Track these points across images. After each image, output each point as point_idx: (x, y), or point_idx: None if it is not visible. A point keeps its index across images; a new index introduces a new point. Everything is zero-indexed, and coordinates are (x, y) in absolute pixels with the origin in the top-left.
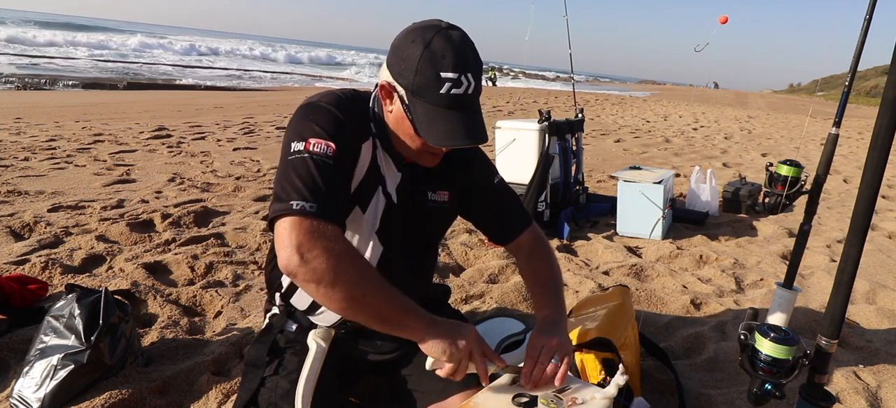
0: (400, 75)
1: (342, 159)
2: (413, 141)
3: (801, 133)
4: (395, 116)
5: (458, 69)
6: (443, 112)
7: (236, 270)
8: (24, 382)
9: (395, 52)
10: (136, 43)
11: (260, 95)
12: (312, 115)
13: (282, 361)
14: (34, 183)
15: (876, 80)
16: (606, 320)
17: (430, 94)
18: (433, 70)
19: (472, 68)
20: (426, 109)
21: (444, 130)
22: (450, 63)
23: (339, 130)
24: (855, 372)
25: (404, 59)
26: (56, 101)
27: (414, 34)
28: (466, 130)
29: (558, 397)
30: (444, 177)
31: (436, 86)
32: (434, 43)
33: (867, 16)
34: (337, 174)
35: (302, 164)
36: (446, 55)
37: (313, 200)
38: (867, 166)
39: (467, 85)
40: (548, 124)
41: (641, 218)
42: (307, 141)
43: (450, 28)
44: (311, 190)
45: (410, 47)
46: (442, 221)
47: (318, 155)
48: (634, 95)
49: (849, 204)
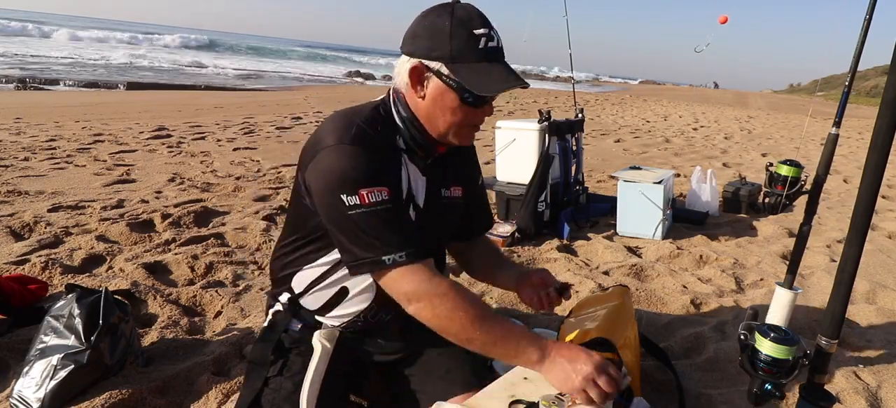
0: (432, 50)
1: (396, 195)
2: (455, 114)
3: (801, 133)
4: (432, 95)
5: (486, 25)
6: (486, 66)
7: (236, 270)
8: (24, 382)
9: (419, 34)
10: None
11: (260, 95)
12: (349, 163)
13: (286, 361)
14: (34, 183)
15: (876, 80)
16: (606, 320)
17: (471, 53)
18: (467, 31)
19: (493, 26)
20: (471, 68)
21: (495, 78)
22: (478, 21)
23: (383, 170)
24: (855, 372)
25: (434, 34)
26: (56, 101)
27: (433, 13)
28: (511, 75)
29: (559, 398)
30: (457, 173)
31: (473, 43)
32: (457, 11)
33: (867, 16)
34: (400, 212)
35: (368, 218)
36: (472, 17)
37: (400, 250)
38: (867, 166)
39: (497, 38)
40: (548, 124)
41: (641, 218)
42: (360, 193)
43: (459, 1)
44: (392, 242)
45: (437, 21)
46: (456, 216)
47: (378, 205)
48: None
49: (849, 204)
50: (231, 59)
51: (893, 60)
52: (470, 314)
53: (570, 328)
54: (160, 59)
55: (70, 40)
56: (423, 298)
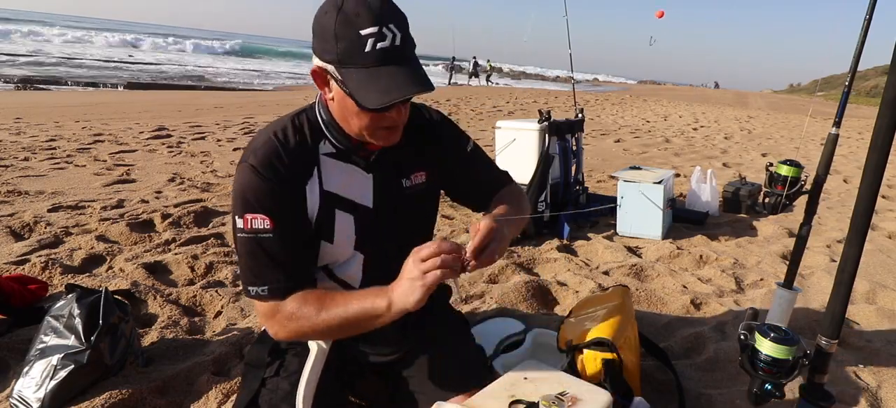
0: (324, 52)
1: (282, 227)
2: (361, 118)
3: (801, 133)
4: (337, 99)
5: (378, 22)
6: (375, 71)
7: (236, 270)
8: (24, 382)
9: (315, 32)
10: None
11: (260, 95)
12: (245, 185)
13: (283, 362)
14: (34, 183)
15: (876, 80)
16: (606, 320)
17: (357, 57)
18: (352, 30)
19: (393, 20)
20: (358, 74)
21: (381, 89)
22: (366, 19)
23: (273, 197)
24: (855, 372)
25: (323, 33)
26: (56, 101)
27: (326, 6)
28: (406, 80)
29: (559, 399)
30: (417, 157)
31: (360, 46)
32: (346, 5)
33: (867, 16)
34: (280, 244)
35: (246, 244)
36: (360, 12)
37: (263, 284)
38: (867, 166)
39: (393, 36)
40: (548, 124)
41: (641, 218)
42: (245, 218)
43: None
44: (260, 274)
45: (324, 19)
46: (425, 203)
47: (259, 232)
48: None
49: (849, 204)
50: (236, 60)
51: (893, 60)
52: (314, 309)
53: (570, 328)
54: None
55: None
56: (275, 324)
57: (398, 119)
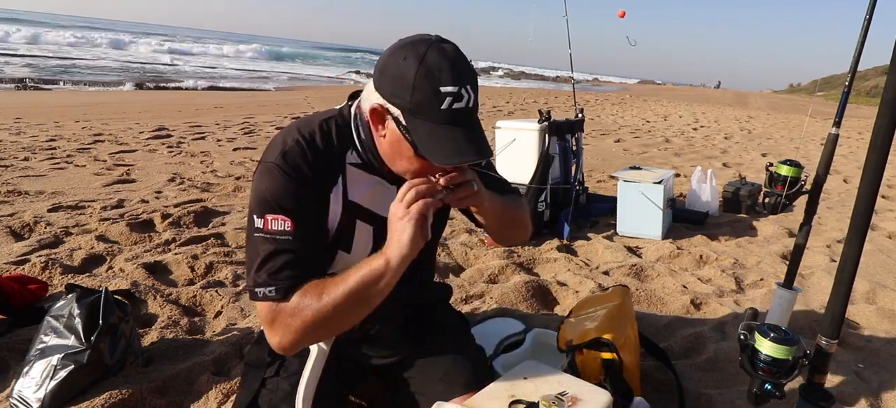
0: (394, 96)
1: (302, 230)
2: (411, 163)
3: (801, 133)
4: (390, 140)
5: (458, 82)
6: (446, 129)
7: (236, 270)
8: (24, 382)
9: (385, 72)
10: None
11: (260, 95)
12: (268, 185)
13: (283, 362)
14: (34, 183)
15: (876, 80)
16: (606, 320)
17: (431, 112)
18: (432, 86)
19: (471, 81)
20: (428, 129)
21: (450, 149)
22: (448, 77)
23: (297, 200)
24: (855, 372)
25: (398, 78)
26: (56, 101)
27: (404, 50)
28: (473, 145)
29: (559, 399)
30: None
31: (436, 102)
32: (429, 57)
33: (867, 16)
34: (297, 249)
35: (262, 244)
36: (443, 69)
37: (273, 284)
38: (867, 166)
39: (468, 98)
40: (548, 124)
41: (641, 218)
42: (265, 218)
43: (441, 41)
44: (271, 274)
45: (403, 65)
46: (438, 215)
47: (277, 234)
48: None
49: (849, 204)
50: (235, 60)
51: (893, 60)
52: (315, 297)
53: (570, 328)
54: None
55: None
56: (279, 329)
57: (444, 171)
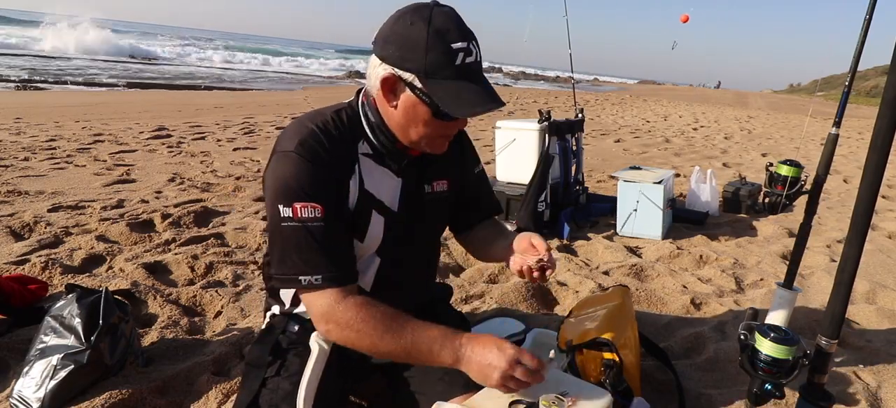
0: (406, 61)
1: (332, 214)
2: (428, 126)
3: (801, 133)
4: (404, 106)
5: (465, 38)
6: (462, 84)
7: (236, 270)
8: (24, 382)
9: (390, 40)
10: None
11: (260, 95)
12: (292, 173)
13: (284, 362)
14: (34, 183)
15: (876, 80)
16: (606, 319)
17: (447, 69)
18: (444, 44)
19: (474, 37)
20: (446, 86)
21: (469, 100)
22: (456, 34)
23: (322, 185)
24: (855, 372)
25: (408, 43)
26: (56, 101)
27: (408, 16)
28: (488, 95)
29: (559, 398)
30: (442, 166)
31: (451, 59)
32: (435, 18)
33: (867, 16)
34: (331, 232)
35: (296, 233)
36: (450, 27)
37: (317, 272)
38: (867, 166)
39: (476, 52)
40: (548, 124)
41: (641, 218)
42: (293, 207)
43: (439, 4)
44: (312, 263)
45: (411, 29)
46: (443, 211)
47: (308, 221)
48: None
49: (849, 204)
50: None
51: (893, 60)
52: (378, 329)
53: (570, 328)
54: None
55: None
56: (330, 321)
57: (456, 130)
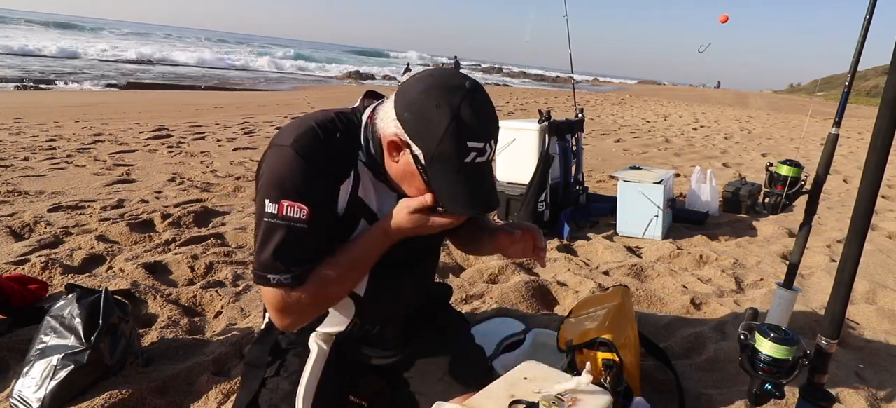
0: (419, 136)
1: (317, 217)
2: (419, 192)
3: (801, 133)
4: (403, 169)
5: (485, 138)
6: (463, 179)
7: (236, 270)
8: (24, 382)
9: (413, 111)
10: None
11: (260, 96)
12: (285, 169)
13: (283, 362)
14: (34, 183)
15: (876, 80)
16: (606, 319)
17: (454, 163)
18: (461, 141)
19: (495, 134)
20: (447, 179)
21: (465, 199)
22: (477, 133)
23: (312, 187)
24: (855, 372)
25: (427, 123)
26: (56, 101)
27: (438, 96)
28: (485, 196)
29: (559, 399)
30: None
31: (462, 156)
32: (462, 111)
33: (867, 16)
34: (311, 236)
35: (275, 231)
36: (475, 126)
37: (287, 272)
38: (867, 166)
39: (489, 152)
40: (548, 124)
41: (641, 218)
42: (281, 203)
43: (474, 90)
44: (285, 262)
45: (435, 112)
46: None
47: (292, 221)
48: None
49: (849, 204)
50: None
51: (893, 60)
52: (327, 286)
53: (570, 328)
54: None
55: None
56: (289, 316)
57: None
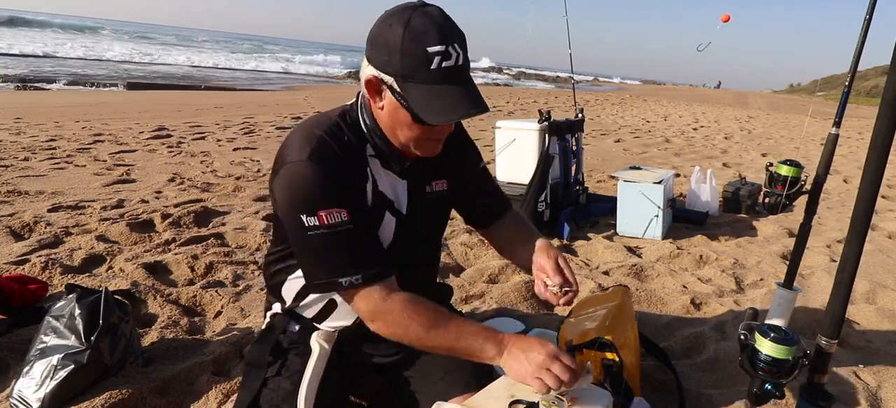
0: (385, 64)
1: (357, 216)
2: (412, 129)
3: (801, 133)
4: (388, 110)
5: (444, 41)
6: (439, 88)
7: (236, 270)
8: (24, 382)
9: (374, 43)
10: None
11: (260, 95)
12: (310, 182)
13: (285, 362)
14: (34, 183)
15: (876, 80)
16: (606, 320)
17: (422, 73)
18: (419, 47)
19: (458, 39)
20: (421, 90)
21: (444, 106)
22: (434, 36)
23: (341, 189)
24: (855, 372)
25: (386, 46)
26: (56, 101)
27: (390, 19)
28: (467, 100)
29: (559, 399)
30: (439, 165)
31: (426, 62)
32: (414, 20)
33: (867, 16)
34: (361, 232)
35: (325, 241)
36: (429, 30)
37: (356, 272)
38: (867, 166)
39: (457, 56)
40: (548, 124)
41: (641, 218)
42: (319, 215)
43: (425, 5)
44: (350, 264)
45: (389, 31)
46: (445, 210)
47: (337, 226)
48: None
49: (849, 204)
50: (232, 59)
51: (893, 60)
52: (424, 325)
53: (570, 328)
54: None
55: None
56: (378, 317)
57: (446, 132)
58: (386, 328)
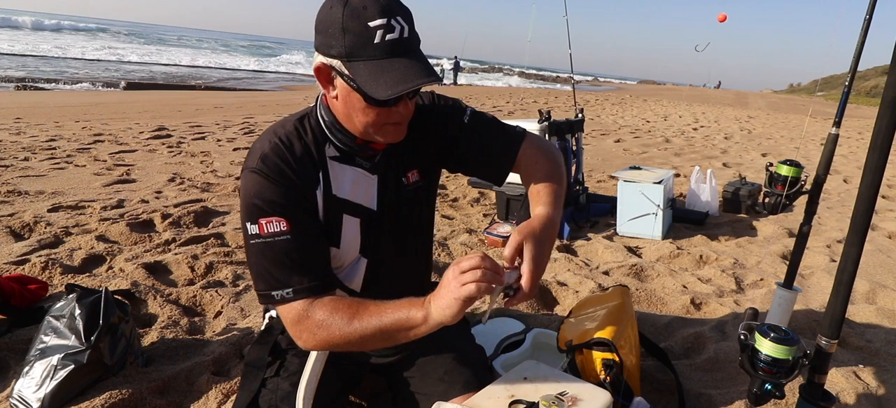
0: (330, 47)
1: (298, 226)
2: (367, 114)
3: (801, 133)
4: (341, 96)
5: (385, 14)
6: (385, 62)
7: (236, 270)
8: (24, 382)
9: (319, 29)
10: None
11: (260, 95)
12: (255, 190)
13: (283, 362)
14: (34, 183)
15: (876, 80)
16: (606, 320)
17: (366, 50)
18: (360, 23)
19: (401, 12)
20: (367, 67)
21: (393, 79)
22: (374, 11)
23: (285, 198)
24: (855, 372)
25: (328, 29)
26: (56, 101)
27: (329, 1)
28: (414, 71)
29: (559, 398)
30: (410, 155)
31: (368, 38)
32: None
33: (867, 16)
34: (299, 245)
35: (263, 250)
36: (367, 5)
37: (288, 286)
38: (867, 167)
39: (401, 28)
40: (548, 124)
41: (641, 218)
42: (259, 223)
43: None
44: (283, 277)
45: (330, 14)
46: (422, 200)
47: (275, 235)
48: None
49: (849, 204)
50: (233, 59)
51: (893, 60)
52: (346, 319)
53: (570, 328)
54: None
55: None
56: (303, 331)
57: (405, 113)
58: (312, 339)
